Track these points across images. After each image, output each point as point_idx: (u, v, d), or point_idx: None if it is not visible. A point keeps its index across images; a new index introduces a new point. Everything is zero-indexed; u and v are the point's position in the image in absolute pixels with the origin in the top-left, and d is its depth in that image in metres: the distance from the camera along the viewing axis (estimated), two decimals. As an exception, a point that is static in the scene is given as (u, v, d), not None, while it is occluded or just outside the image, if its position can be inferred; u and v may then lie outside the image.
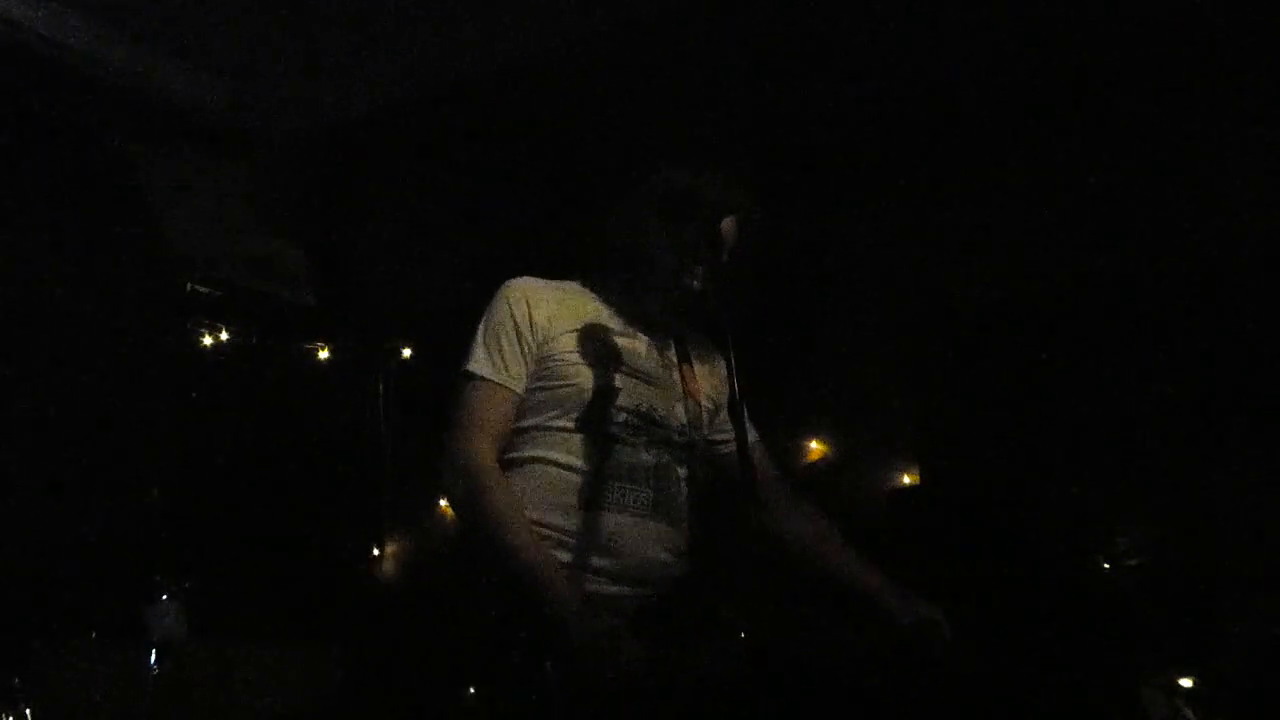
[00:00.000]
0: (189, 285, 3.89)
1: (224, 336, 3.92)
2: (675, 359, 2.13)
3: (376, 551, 3.96)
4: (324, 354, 4.16)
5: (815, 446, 3.54)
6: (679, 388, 2.08)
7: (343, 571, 3.90)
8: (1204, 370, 2.84)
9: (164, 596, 3.08)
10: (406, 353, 4.04)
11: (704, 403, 2.13)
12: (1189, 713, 2.20)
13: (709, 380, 2.17)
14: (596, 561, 1.86)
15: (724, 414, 2.15)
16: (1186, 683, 2.24)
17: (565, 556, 1.86)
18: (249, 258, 4.14)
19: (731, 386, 1.73)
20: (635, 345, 2.06)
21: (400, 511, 3.96)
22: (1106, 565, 2.73)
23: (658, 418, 2.01)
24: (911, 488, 3.37)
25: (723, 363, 2.20)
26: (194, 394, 3.78)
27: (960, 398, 3.30)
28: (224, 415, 3.80)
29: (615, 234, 2.12)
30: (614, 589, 1.87)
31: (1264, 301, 2.78)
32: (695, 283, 2.02)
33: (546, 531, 1.87)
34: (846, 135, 3.49)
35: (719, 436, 2.18)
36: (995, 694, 2.41)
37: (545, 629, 1.72)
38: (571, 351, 1.98)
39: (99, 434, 3.49)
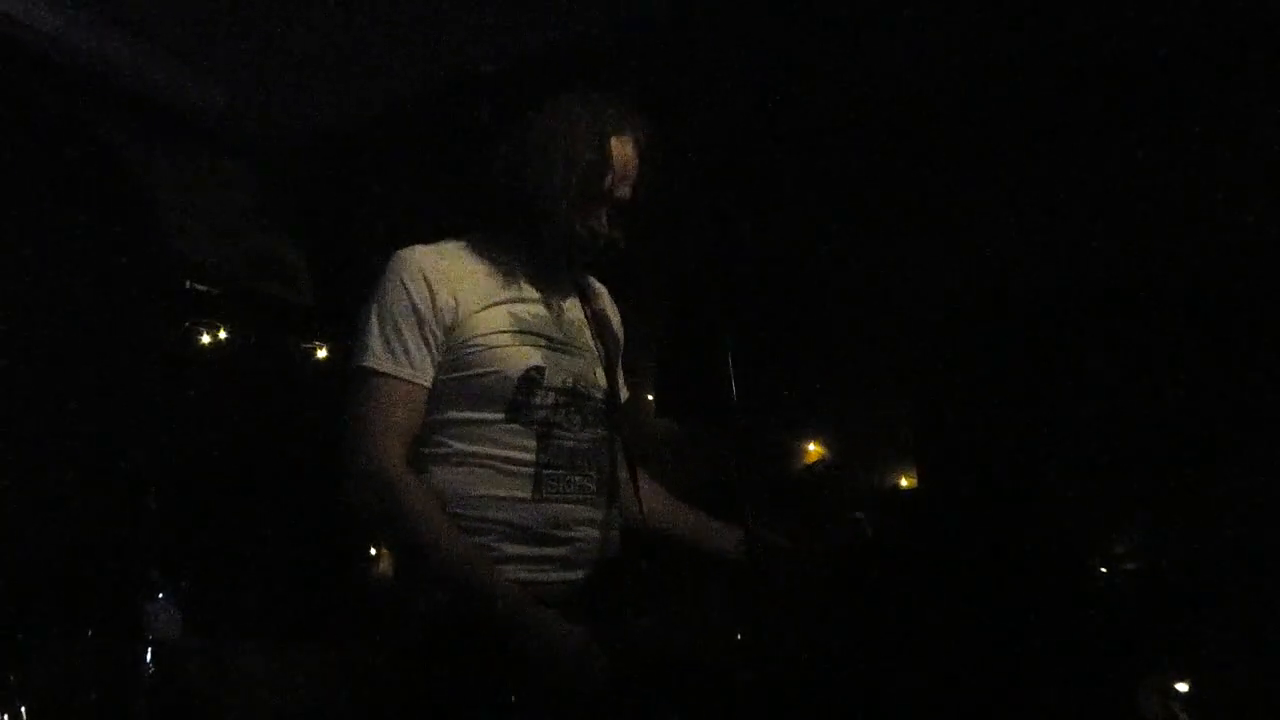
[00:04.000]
0: (189, 285, 3.89)
1: (223, 336, 3.92)
2: (581, 314, 1.96)
3: (375, 551, 3.96)
4: (324, 354, 4.16)
5: (815, 447, 3.52)
6: (593, 348, 1.93)
7: (342, 571, 3.91)
8: (1204, 370, 2.82)
9: (161, 595, 3.08)
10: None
11: (612, 353, 1.98)
12: (1185, 717, 2.19)
13: (608, 330, 2.01)
14: (544, 551, 1.75)
15: (620, 365, 2.04)
16: (1182, 687, 2.23)
17: (511, 549, 1.74)
18: (249, 258, 4.14)
19: (729, 382, 1.67)
20: (545, 312, 1.89)
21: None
22: (1104, 570, 2.71)
23: (584, 390, 1.86)
24: (911, 488, 3.36)
25: (616, 312, 2.08)
26: (193, 393, 3.78)
27: (960, 398, 3.28)
28: (223, 414, 3.80)
29: (502, 180, 1.91)
30: (559, 575, 1.76)
31: (1263, 302, 2.77)
32: (597, 226, 1.85)
33: (488, 525, 1.74)
34: (846, 134, 3.47)
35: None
36: (995, 694, 2.40)
37: (491, 626, 1.63)
38: (488, 334, 1.80)
39: (98, 433, 3.50)
